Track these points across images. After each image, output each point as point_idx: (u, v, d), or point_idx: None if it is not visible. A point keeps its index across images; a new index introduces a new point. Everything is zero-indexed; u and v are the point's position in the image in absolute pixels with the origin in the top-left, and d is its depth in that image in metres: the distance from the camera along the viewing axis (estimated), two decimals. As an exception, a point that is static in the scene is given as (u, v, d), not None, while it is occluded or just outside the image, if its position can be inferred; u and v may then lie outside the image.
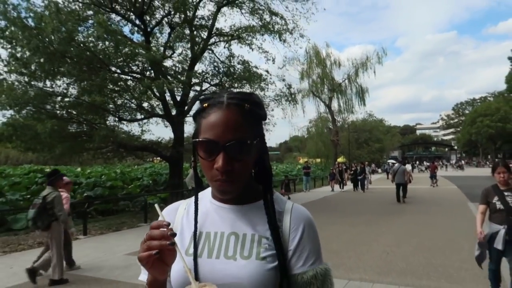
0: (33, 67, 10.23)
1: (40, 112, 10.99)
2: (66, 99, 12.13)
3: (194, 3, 14.16)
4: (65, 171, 21.94)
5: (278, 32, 15.68)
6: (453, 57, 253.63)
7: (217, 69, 15.25)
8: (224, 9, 15.53)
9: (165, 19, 13.84)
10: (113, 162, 17.26)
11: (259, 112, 0.92)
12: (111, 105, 12.98)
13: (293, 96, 17.13)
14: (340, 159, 36.74)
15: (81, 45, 9.97)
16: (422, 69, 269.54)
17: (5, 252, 7.32)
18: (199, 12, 14.88)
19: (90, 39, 10.26)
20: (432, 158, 67.03)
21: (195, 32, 14.59)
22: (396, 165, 16.68)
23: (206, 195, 1.00)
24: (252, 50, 16.05)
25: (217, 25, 15.38)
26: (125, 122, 14.07)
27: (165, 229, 0.73)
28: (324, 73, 34.70)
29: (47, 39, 9.43)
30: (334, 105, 35.94)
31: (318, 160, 37.52)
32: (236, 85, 15.56)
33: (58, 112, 12.08)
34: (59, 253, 5.36)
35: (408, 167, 17.20)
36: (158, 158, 22.42)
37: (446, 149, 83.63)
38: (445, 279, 5.24)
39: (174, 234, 0.73)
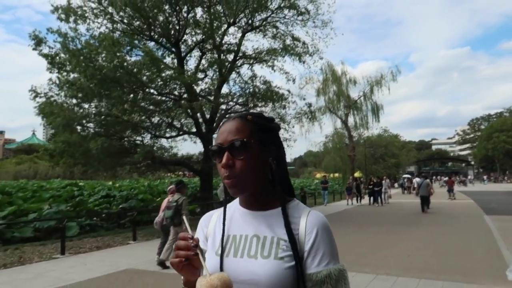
0: (84, 91, 11.50)
1: (88, 130, 12.25)
2: (109, 118, 13.40)
3: (222, 30, 15.46)
4: (98, 185, 23.26)
5: (298, 55, 16.82)
6: (468, 73, 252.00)
7: (243, 89, 16.40)
8: (248, 34, 16.81)
9: (196, 44, 15.14)
10: (146, 176, 18.43)
11: (263, 122, 1.07)
12: (147, 123, 14.23)
13: (313, 114, 18.17)
14: (356, 174, 37.35)
15: (128, 71, 11.23)
16: (436, 85, 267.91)
17: (71, 254, 8.40)
18: (226, 38, 16.07)
19: (135, 65, 11.52)
20: (448, 174, 66.76)
21: (222, 56, 15.85)
22: (419, 179, 17.77)
23: (235, 203, 1.14)
24: (274, 71, 17.26)
25: (242, 48, 16.61)
26: (155, 138, 15.27)
27: (190, 241, 0.88)
28: (340, 90, 35.62)
29: (98, 67, 10.73)
30: (350, 121, 36.75)
31: (336, 174, 38.17)
32: (259, 104, 16.72)
33: (100, 130, 13.34)
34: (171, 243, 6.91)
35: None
36: (179, 172, 23.44)
37: (463, 164, 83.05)
38: (459, 275, 6.08)
39: (197, 246, 0.87)
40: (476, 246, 8.59)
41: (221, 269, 0.99)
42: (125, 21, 13.82)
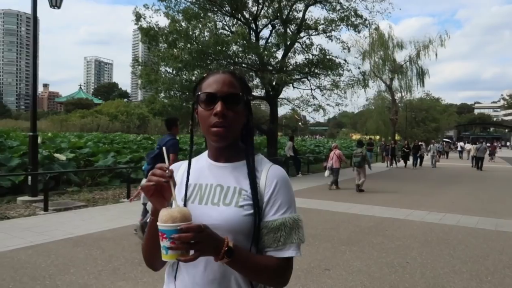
0: (183, 63, 13.96)
1: (184, 95, 14.91)
2: (194, 84, 15.93)
3: (290, 5, 17.28)
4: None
5: (354, 26, 18.38)
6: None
7: (306, 59, 18.34)
8: (311, 7, 18.47)
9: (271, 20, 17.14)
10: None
11: (244, 83, 1.14)
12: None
13: (366, 82, 19.95)
14: (396, 137, 38.89)
15: (223, 46, 13.53)
16: (484, 44, 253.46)
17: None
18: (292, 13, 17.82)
19: (227, 42, 13.78)
20: (490, 139, 66.41)
21: (288, 30, 17.74)
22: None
23: (203, 156, 1.22)
24: (332, 41, 18.99)
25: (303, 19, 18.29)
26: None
27: (166, 171, 0.94)
28: (386, 54, 36.44)
29: (200, 43, 13.14)
30: (395, 85, 37.76)
31: (377, 137, 39.84)
32: (317, 71, 18.67)
33: (187, 94, 15.94)
34: (364, 177, 11.38)
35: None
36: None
37: (506, 130, 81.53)
38: (493, 215, 8.33)
39: (171, 176, 0.94)
40: (509, 197, 10.75)
41: None
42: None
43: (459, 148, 33.42)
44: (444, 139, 51.24)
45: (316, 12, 39.82)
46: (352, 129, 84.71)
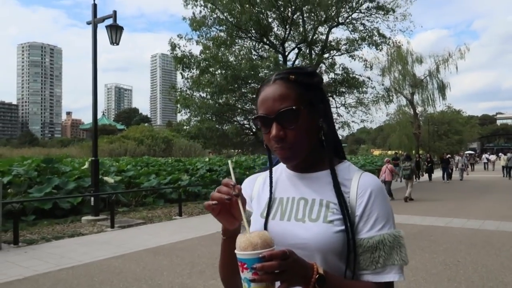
0: (217, 88, 14.87)
1: (217, 117, 15.80)
2: (225, 106, 16.83)
3: (314, 28, 18.18)
4: (196, 161, 27.24)
5: (376, 44, 19.09)
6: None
7: (332, 79, 19.10)
8: (334, 28, 19.33)
9: (292, 43, 18.07)
10: (247, 152, 21.91)
11: (307, 80, 0.96)
12: (255, 109, 17.54)
13: (391, 98, 20.57)
14: (420, 151, 38.90)
15: (256, 72, 14.43)
16: (503, 53, 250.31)
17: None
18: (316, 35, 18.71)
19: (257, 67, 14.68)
20: (515, 150, 65.08)
21: (313, 52, 18.60)
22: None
23: (281, 165, 1.08)
24: (354, 60, 19.72)
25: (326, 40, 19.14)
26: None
27: (231, 188, 0.82)
28: (405, 69, 36.92)
29: (235, 69, 14.08)
30: (416, 99, 38.04)
31: (400, 152, 39.94)
32: (342, 89, 19.38)
33: (218, 117, 16.83)
34: (411, 187, 12.75)
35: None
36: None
37: (532, 140, 79.83)
38: (530, 220, 8.71)
39: (238, 195, 0.81)
40: (543, 206, 11.03)
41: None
42: (234, 24, 16.91)
43: (484, 160, 33.42)
44: (467, 152, 50.64)
45: (338, 33, 40.85)
46: (371, 145, 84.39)
